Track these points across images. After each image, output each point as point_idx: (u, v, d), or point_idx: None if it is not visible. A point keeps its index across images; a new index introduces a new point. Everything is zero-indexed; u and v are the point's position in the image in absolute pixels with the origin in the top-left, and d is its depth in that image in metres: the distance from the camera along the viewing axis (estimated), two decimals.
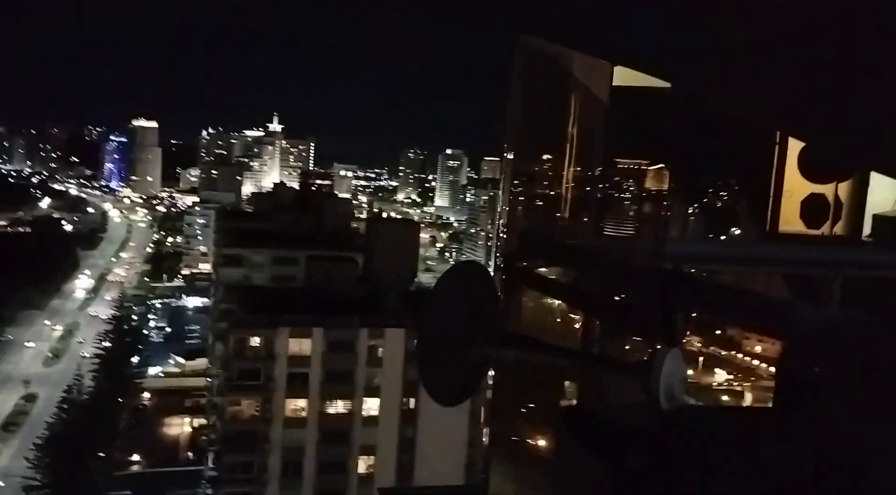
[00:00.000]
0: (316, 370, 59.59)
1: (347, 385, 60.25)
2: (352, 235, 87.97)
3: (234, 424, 59.85)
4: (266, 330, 58.67)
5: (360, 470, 60.84)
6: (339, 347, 60.06)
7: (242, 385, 59.24)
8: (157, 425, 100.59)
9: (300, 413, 59.81)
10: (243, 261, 79.10)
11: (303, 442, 59.57)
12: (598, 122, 6.10)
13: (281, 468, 59.32)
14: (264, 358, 58.83)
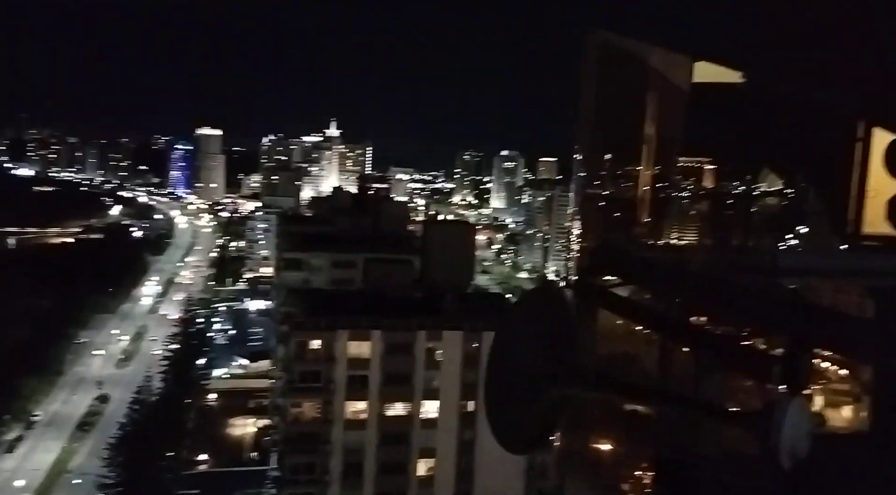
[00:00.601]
0: (375, 372, 59.97)
1: (406, 387, 60.43)
2: (408, 238, 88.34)
3: (296, 425, 60.72)
4: (326, 332, 59.39)
5: (420, 473, 60.91)
6: (398, 350, 60.33)
7: (304, 387, 60.08)
8: (223, 425, 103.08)
9: (360, 415, 60.29)
10: (303, 265, 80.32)
11: (363, 443, 60.01)
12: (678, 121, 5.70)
13: (342, 469, 59.91)
14: (324, 360, 59.53)
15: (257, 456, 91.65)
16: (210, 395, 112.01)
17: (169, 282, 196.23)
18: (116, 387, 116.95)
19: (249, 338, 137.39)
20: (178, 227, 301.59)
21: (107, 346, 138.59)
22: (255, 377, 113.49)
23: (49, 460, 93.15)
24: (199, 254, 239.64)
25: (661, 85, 5.55)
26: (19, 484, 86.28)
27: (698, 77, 5.19)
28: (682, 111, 5.59)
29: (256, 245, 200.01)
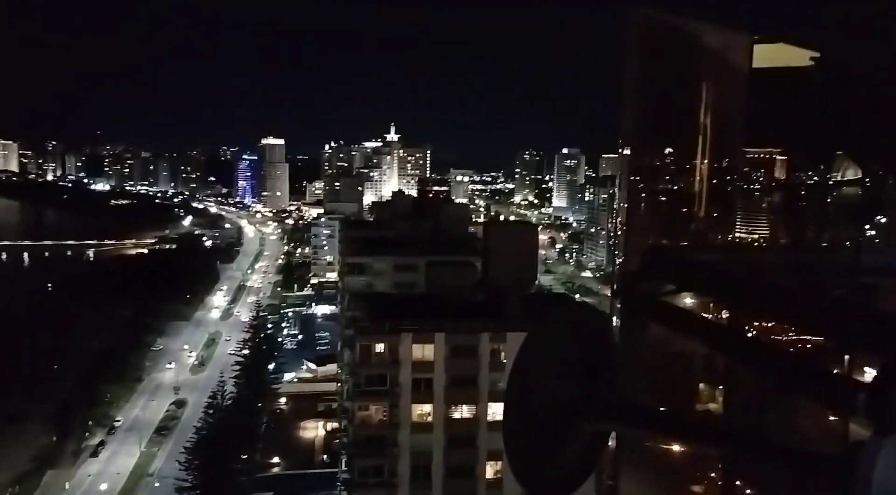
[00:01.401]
0: (440, 375, 59.92)
1: (471, 389, 60.10)
2: (470, 240, 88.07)
3: (364, 428, 61.22)
4: (390, 336, 59.70)
5: (488, 476, 60.48)
6: (462, 352, 60.08)
7: (370, 390, 60.51)
8: (294, 429, 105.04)
9: (426, 418, 60.33)
10: (366, 269, 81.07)
11: (430, 446, 60.01)
12: (738, 108, 5.17)
13: (410, 472, 60.07)
14: (389, 363, 59.83)
15: (327, 458, 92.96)
16: (280, 399, 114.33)
17: (239, 289, 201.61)
18: (192, 392, 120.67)
19: (317, 342, 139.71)
20: (246, 235, 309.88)
21: (182, 352, 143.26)
22: (323, 381, 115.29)
23: (130, 464, 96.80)
24: (266, 261, 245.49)
25: (717, 69, 5.08)
26: (103, 488, 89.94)
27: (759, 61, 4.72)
28: (742, 97, 5.09)
29: (321, 250, 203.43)
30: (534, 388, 2.85)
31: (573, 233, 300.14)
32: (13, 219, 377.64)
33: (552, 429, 2.79)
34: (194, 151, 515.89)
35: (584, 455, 2.80)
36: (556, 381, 2.82)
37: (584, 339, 2.89)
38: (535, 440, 2.70)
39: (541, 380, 2.85)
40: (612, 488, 6.61)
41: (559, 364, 2.84)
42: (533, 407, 2.84)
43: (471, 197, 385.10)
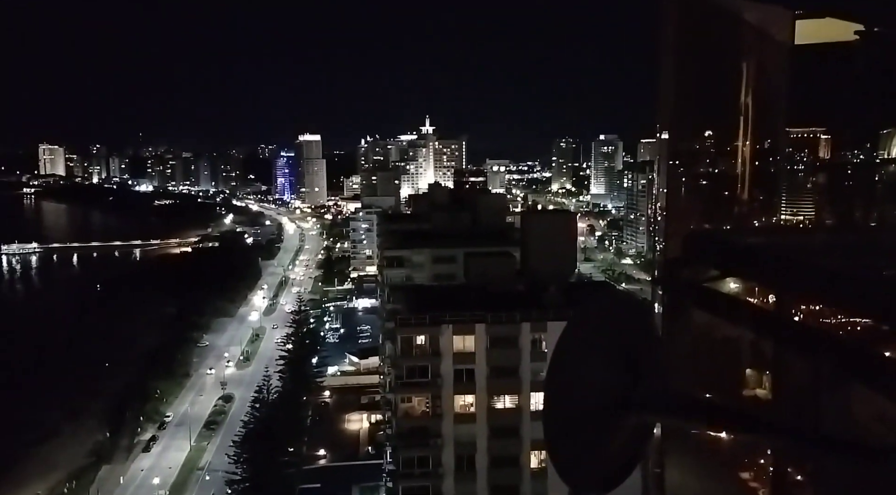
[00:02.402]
0: (481, 366, 59.98)
1: (513, 380, 60.03)
2: (507, 230, 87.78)
3: (407, 420, 61.70)
4: (430, 328, 59.94)
5: (533, 466, 60.43)
6: (502, 342, 60.02)
7: (412, 382, 60.88)
8: (339, 421, 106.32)
9: (469, 408, 60.48)
10: (405, 262, 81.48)
11: (473, 437, 60.18)
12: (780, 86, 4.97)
13: (454, 462, 60.37)
14: (430, 355, 60.08)
15: (372, 450, 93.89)
16: (325, 392, 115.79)
17: (281, 285, 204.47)
18: (238, 387, 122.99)
19: (358, 335, 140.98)
20: (286, 232, 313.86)
21: (228, 348, 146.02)
22: (366, 373, 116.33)
23: (181, 458, 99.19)
24: (306, 256, 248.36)
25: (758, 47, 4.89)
26: (156, 482, 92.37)
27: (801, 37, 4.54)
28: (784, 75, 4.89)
29: (360, 244, 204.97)
30: (575, 380, 2.76)
31: (612, 220, 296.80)
32: (62, 222, 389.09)
33: (595, 422, 2.68)
34: (233, 150, 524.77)
35: (628, 448, 2.72)
36: (597, 372, 2.72)
37: (626, 328, 2.79)
38: (577, 433, 2.61)
39: (582, 371, 2.75)
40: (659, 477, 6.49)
41: (601, 354, 2.74)
42: (574, 399, 2.73)
43: (507, 187, 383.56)
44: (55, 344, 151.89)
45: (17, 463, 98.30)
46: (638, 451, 2.73)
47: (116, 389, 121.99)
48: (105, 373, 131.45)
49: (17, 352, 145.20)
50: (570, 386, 2.78)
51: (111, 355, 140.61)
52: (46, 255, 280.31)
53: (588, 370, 2.76)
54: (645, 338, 2.67)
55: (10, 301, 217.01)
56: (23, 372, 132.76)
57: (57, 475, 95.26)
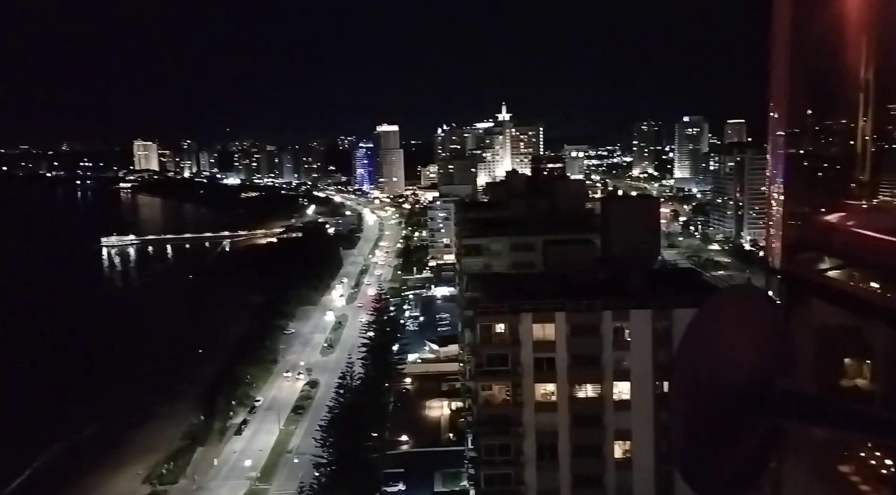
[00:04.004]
0: (562, 354, 59.29)
1: (595, 368, 59.10)
2: (587, 217, 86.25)
3: (488, 408, 61.77)
4: (509, 316, 59.66)
5: (617, 455, 59.44)
6: (583, 331, 59.10)
7: (492, 370, 60.86)
8: (420, 408, 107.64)
9: (550, 397, 59.98)
10: (483, 250, 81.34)
11: (555, 425, 59.65)
12: None
13: (536, 451, 60.07)
14: (510, 343, 59.84)
15: (453, 437, 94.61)
16: (406, 379, 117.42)
17: (361, 273, 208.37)
18: (323, 373, 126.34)
19: (437, 323, 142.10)
20: (366, 222, 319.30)
21: (312, 335, 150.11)
22: (446, 361, 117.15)
23: (271, 442, 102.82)
24: (386, 245, 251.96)
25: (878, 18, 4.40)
26: (248, 464, 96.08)
27: None
28: None
29: (437, 233, 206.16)
30: (704, 377, 2.55)
31: (698, 205, 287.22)
32: (156, 215, 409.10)
33: (725, 423, 2.49)
34: (315, 142, 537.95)
35: (759, 452, 2.47)
36: (728, 370, 2.51)
37: (756, 325, 2.58)
38: (706, 435, 2.38)
39: (712, 369, 2.54)
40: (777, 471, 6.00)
41: (731, 351, 2.53)
42: (703, 397, 2.54)
43: (586, 172, 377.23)
44: (153, 331, 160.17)
45: (119, 445, 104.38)
46: (768, 456, 2.47)
47: (209, 374, 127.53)
48: (199, 359, 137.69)
49: (119, 340, 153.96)
50: (699, 384, 2.59)
51: (204, 342, 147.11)
52: (142, 247, 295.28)
53: (718, 368, 2.56)
54: (776, 335, 2.39)
55: (112, 291, 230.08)
56: (124, 358, 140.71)
57: (155, 456, 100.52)
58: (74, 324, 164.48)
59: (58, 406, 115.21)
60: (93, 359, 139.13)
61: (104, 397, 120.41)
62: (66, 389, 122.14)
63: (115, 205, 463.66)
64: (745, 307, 2.62)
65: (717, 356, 2.46)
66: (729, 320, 2.62)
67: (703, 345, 2.61)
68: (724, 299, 2.63)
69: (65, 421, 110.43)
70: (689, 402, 2.44)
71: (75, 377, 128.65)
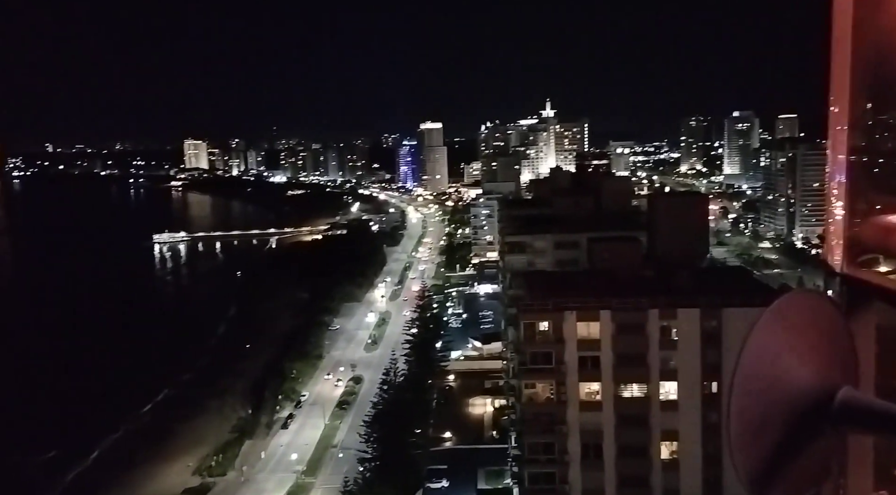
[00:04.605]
0: (607, 353, 58.63)
1: (641, 368, 58.27)
2: (633, 214, 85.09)
3: (531, 406, 61.49)
4: (553, 314, 59.23)
5: (663, 456, 58.57)
6: (629, 329, 58.31)
7: (535, 368, 60.52)
8: (463, 405, 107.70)
9: (595, 396, 59.37)
10: (526, 248, 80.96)
11: (600, 425, 59.04)
12: None
13: (581, 450, 59.56)
14: (554, 341, 59.42)
15: (497, 434, 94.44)
16: (449, 376, 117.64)
17: (405, 271, 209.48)
18: (367, 369, 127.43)
19: (480, 320, 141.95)
20: (409, 219, 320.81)
21: (356, 331, 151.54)
22: (489, 358, 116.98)
23: (316, 436, 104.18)
24: (429, 242, 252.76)
25: None
26: (294, 458, 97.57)
27: None
28: None
29: (481, 230, 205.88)
30: (768, 382, 2.46)
31: (747, 202, 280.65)
32: (206, 212, 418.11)
33: (789, 430, 2.41)
34: (359, 140, 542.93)
35: (822, 460, 2.38)
36: (793, 377, 2.42)
37: (821, 332, 2.49)
38: (767, 440, 2.31)
39: (776, 374, 2.45)
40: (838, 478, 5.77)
41: (796, 357, 2.43)
42: (767, 403, 2.45)
43: (633, 169, 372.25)
44: (203, 326, 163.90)
45: (170, 437, 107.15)
46: (831, 464, 2.39)
47: (257, 369, 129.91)
48: (246, 354, 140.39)
49: (171, 335, 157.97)
50: (763, 389, 2.50)
51: (251, 337, 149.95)
52: (192, 244, 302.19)
53: (782, 373, 2.47)
54: (842, 342, 2.29)
55: (164, 288, 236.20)
56: (175, 352, 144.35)
57: (205, 448, 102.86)
58: (129, 320, 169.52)
59: (112, 397, 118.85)
60: (146, 353, 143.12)
61: (157, 391, 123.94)
62: (121, 382, 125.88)
63: (167, 203, 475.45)
64: (810, 313, 2.53)
65: (782, 363, 2.36)
66: (793, 326, 2.44)
67: (768, 351, 2.47)
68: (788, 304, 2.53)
69: (118, 414, 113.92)
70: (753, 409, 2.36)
71: (130, 370, 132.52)
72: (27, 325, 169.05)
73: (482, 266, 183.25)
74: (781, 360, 2.36)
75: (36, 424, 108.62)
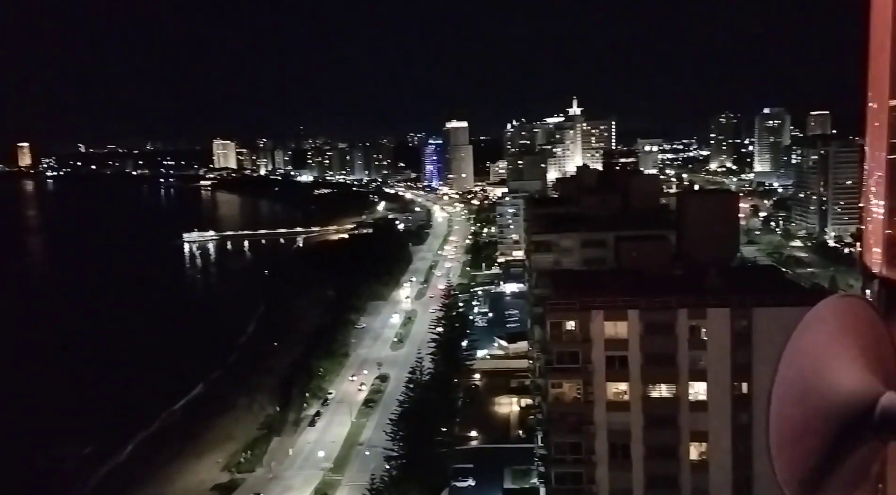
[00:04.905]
0: (635, 353, 58.05)
1: (669, 368, 57.59)
2: (662, 212, 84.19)
3: (558, 405, 61.11)
4: (580, 313, 58.78)
5: (692, 457, 57.87)
6: (657, 329, 57.66)
7: (562, 368, 60.12)
8: (489, 404, 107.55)
9: (622, 396, 58.84)
10: (553, 247, 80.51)
11: (628, 425, 58.49)
12: None
13: (608, 450, 59.08)
14: (581, 341, 58.97)
15: (523, 433, 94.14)
16: (474, 375, 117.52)
17: (430, 269, 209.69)
18: (393, 368, 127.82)
19: (506, 319, 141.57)
20: (434, 218, 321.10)
21: (382, 330, 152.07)
22: (515, 358, 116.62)
23: (343, 433, 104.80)
24: (454, 241, 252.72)
25: None
26: (321, 455, 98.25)
27: None
28: None
29: (506, 229, 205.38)
30: (809, 391, 2.43)
31: (778, 200, 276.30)
32: (234, 212, 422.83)
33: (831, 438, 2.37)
34: (385, 140, 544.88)
35: (863, 466, 2.29)
36: (835, 383, 2.37)
37: (863, 337, 2.44)
38: (808, 445, 2.22)
39: (818, 380, 2.42)
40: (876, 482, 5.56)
41: (838, 363, 2.39)
42: (808, 408, 2.42)
43: (661, 167, 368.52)
44: (232, 324, 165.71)
45: (200, 433, 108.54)
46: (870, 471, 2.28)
47: (284, 367, 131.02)
48: (274, 352, 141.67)
49: (202, 332, 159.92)
50: (803, 396, 2.47)
51: (279, 335, 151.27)
52: (221, 243, 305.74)
53: (823, 379, 2.44)
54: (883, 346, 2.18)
55: (194, 286, 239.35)
56: (205, 350, 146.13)
57: (234, 445, 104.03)
58: (161, 318, 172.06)
59: (146, 394, 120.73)
60: (178, 350, 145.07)
61: (190, 388, 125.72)
62: (155, 379, 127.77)
63: (196, 203, 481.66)
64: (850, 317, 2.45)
65: (822, 369, 2.27)
66: (834, 332, 2.32)
67: (808, 357, 2.35)
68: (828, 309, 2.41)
69: (152, 410, 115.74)
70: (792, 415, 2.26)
71: (163, 367, 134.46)
72: (63, 323, 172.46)
73: (508, 265, 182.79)
74: (822, 366, 2.26)
75: (75, 420, 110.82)
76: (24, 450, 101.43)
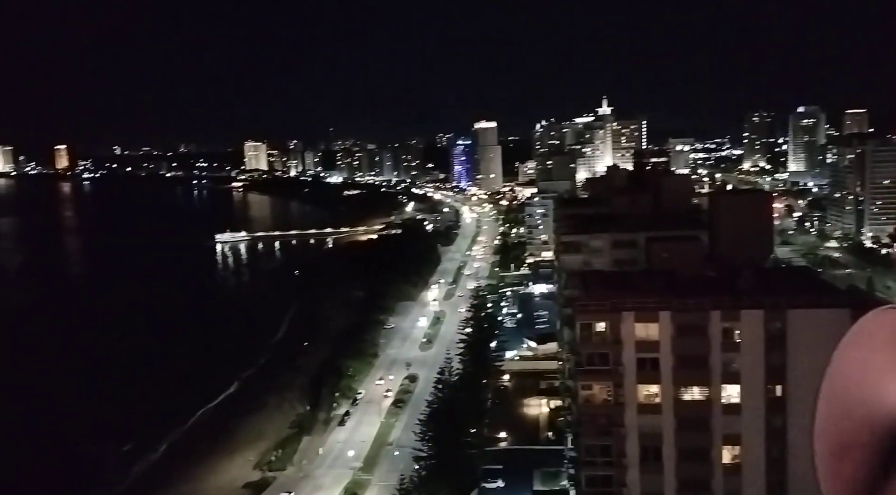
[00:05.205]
0: (666, 355, 57.56)
1: (702, 370, 57.03)
2: (694, 212, 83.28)
3: (588, 407, 60.83)
4: (611, 314, 58.46)
5: (725, 460, 57.21)
6: (689, 331, 57.12)
7: (592, 369, 59.86)
8: (518, 405, 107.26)
9: (653, 398, 58.39)
10: (582, 247, 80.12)
11: (659, 428, 58.03)
12: None
13: (639, 453, 58.66)
14: (611, 343, 58.67)
15: (552, 435, 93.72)
16: (504, 376, 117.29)
17: (459, 270, 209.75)
18: (422, 368, 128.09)
19: (535, 320, 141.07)
20: (463, 219, 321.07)
21: (411, 330, 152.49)
22: (544, 359, 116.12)
23: (372, 433, 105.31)
24: (483, 242, 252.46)
25: None
26: (351, 455, 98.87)
27: None
28: None
29: (535, 230, 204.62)
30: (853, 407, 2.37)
31: (813, 200, 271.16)
32: (265, 213, 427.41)
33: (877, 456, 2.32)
34: (413, 140, 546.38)
35: None
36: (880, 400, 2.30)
37: None
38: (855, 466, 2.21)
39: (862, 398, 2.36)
40: None
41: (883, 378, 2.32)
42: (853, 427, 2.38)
43: (693, 166, 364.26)
44: (263, 324, 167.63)
45: (232, 432, 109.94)
46: None
47: (314, 366, 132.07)
48: (304, 352, 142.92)
49: (234, 332, 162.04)
50: (847, 411, 2.40)
51: (309, 335, 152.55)
52: (252, 243, 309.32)
53: (868, 395, 2.34)
54: None
55: (226, 286, 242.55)
56: (238, 349, 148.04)
57: (265, 443, 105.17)
58: (195, 317, 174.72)
59: (179, 393, 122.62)
60: (212, 349, 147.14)
61: (224, 387, 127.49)
62: (189, 377, 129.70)
63: (228, 204, 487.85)
64: None
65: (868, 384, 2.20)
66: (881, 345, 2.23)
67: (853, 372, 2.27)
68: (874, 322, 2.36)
69: (186, 408, 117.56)
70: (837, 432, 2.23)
71: (197, 366, 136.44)
72: (99, 322, 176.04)
73: (537, 265, 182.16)
74: (867, 381, 2.22)
75: (115, 418, 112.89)
76: (64, 448, 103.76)
